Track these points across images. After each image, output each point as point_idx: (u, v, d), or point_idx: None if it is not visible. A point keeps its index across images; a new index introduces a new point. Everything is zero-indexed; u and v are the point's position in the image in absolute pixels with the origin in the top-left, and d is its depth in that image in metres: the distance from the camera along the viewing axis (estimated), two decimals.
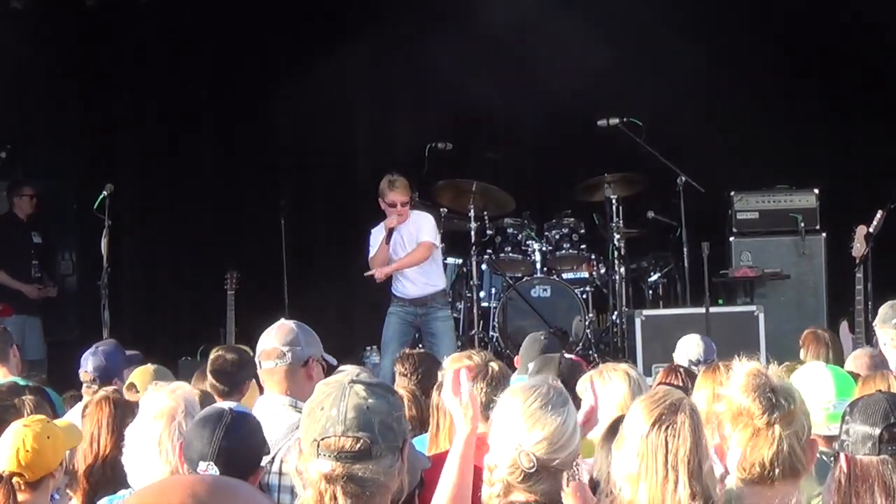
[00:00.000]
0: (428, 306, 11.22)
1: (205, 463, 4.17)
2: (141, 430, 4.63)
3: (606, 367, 5.54)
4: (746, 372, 3.62)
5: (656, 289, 13.07)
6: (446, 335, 11.26)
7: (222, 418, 4.26)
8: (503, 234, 12.82)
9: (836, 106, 13.82)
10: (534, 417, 3.73)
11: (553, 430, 3.71)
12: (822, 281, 12.70)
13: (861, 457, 3.45)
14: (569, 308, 12.50)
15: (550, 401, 3.76)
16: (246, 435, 4.33)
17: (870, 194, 12.05)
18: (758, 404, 3.56)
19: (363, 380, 3.40)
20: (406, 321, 11.21)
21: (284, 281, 12.68)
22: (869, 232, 10.52)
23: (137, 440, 4.62)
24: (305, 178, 14.39)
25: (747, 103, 13.72)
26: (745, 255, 12.82)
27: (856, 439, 3.48)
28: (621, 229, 12.57)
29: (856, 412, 3.52)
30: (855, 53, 13.62)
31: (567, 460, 3.75)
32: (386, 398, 3.39)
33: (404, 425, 3.45)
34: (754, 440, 3.55)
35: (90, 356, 7.36)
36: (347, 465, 3.29)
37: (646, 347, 11.39)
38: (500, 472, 3.72)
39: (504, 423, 3.76)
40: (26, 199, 12.81)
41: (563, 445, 3.72)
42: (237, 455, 4.24)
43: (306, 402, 3.44)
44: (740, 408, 3.58)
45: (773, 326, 11.67)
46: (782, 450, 3.54)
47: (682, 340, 8.01)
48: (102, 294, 10.71)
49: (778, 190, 13.04)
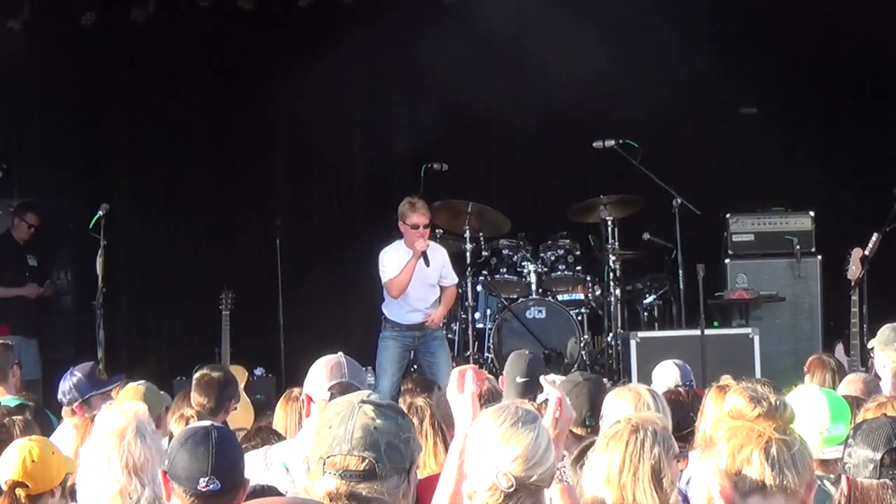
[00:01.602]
0: (424, 329, 11.21)
1: (205, 479, 4.18)
2: (92, 448, 4.64)
3: (622, 387, 5.58)
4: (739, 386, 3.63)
5: (651, 310, 13.06)
6: (445, 354, 11.26)
7: (210, 434, 4.28)
8: (498, 255, 12.82)
9: (832, 129, 13.85)
10: (506, 435, 3.72)
11: (527, 445, 3.71)
12: (818, 303, 12.70)
13: (862, 480, 3.45)
14: (564, 329, 12.48)
15: (520, 419, 3.76)
16: (233, 449, 4.37)
17: (865, 217, 12.07)
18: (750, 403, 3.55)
19: (373, 400, 3.40)
20: (403, 345, 11.18)
21: (280, 301, 12.67)
22: (864, 255, 10.53)
23: (88, 458, 4.63)
24: (301, 199, 14.38)
25: (743, 126, 13.75)
26: (741, 277, 12.82)
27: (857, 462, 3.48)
28: (617, 251, 12.58)
29: (859, 436, 3.52)
30: (851, 77, 13.66)
31: (545, 477, 3.75)
32: (395, 420, 3.40)
33: (413, 447, 3.45)
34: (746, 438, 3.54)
35: (64, 380, 7.41)
36: (352, 485, 3.29)
37: (641, 369, 11.35)
38: (480, 498, 3.71)
39: (478, 448, 3.75)
40: (24, 225, 12.83)
41: (538, 462, 3.72)
42: (231, 468, 4.29)
43: (316, 421, 3.44)
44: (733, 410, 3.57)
45: (768, 349, 11.66)
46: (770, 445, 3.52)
47: (658, 368, 7.95)
48: (97, 314, 10.70)
49: (773, 212, 13.05)
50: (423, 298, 11.17)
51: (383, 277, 11.05)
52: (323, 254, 14.26)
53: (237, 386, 7.87)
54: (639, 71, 13.51)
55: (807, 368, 8.13)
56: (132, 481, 4.51)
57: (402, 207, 11.00)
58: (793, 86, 13.89)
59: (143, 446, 4.55)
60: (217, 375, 7.33)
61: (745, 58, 13.76)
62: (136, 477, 4.51)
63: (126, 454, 4.55)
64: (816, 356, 8.33)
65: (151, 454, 4.58)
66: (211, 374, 7.33)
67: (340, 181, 14.40)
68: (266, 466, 5.31)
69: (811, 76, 13.79)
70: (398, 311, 11.19)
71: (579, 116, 13.14)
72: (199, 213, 14.08)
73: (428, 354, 11.17)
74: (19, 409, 6.57)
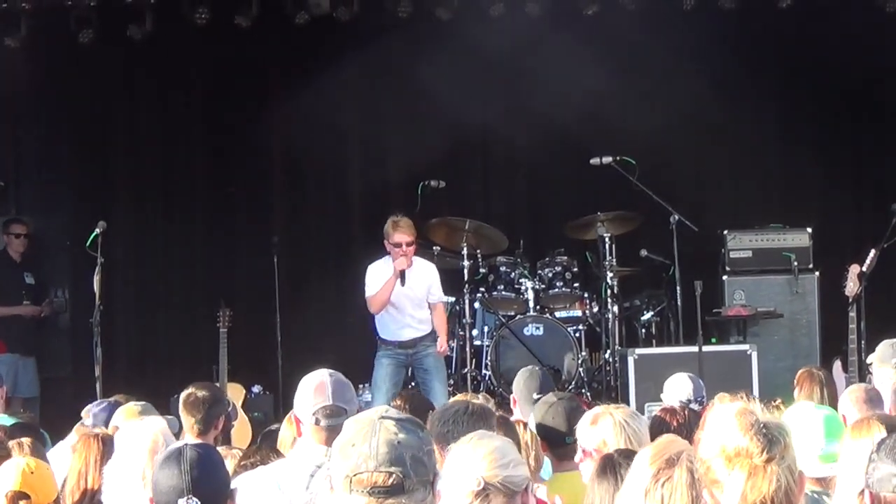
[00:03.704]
0: (417, 346, 11.22)
1: (184, 499, 4.17)
2: (122, 464, 4.62)
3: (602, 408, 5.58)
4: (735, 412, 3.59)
5: (649, 327, 13.06)
6: (439, 370, 11.26)
7: (182, 452, 4.27)
8: (496, 272, 12.81)
9: (829, 145, 13.86)
10: (472, 443, 3.83)
11: (494, 446, 3.81)
12: (816, 320, 12.71)
13: (886, 495, 3.41)
14: (561, 346, 12.48)
15: (485, 434, 3.91)
16: (211, 464, 4.34)
17: (863, 233, 12.08)
18: (756, 442, 3.52)
19: (392, 415, 3.41)
20: (398, 361, 11.20)
21: (277, 318, 12.66)
22: (862, 271, 10.53)
23: (118, 475, 4.61)
24: (298, 216, 14.38)
25: (740, 142, 13.76)
26: (739, 293, 12.82)
27: (881, 477, 3.42)
28: (614, 268, 12.58)
29: (882, 450, 3.46)
30: (849, 94, 13.67)
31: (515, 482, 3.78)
32: (416, 433, 3.40)
33: (434, 459, 3.46)
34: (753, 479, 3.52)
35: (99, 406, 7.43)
36: (381, 501, 3.29)
37: (639, 386, 11.37)
38: None
39: (450, 466, 3.81)
40: (13, 237, 12.83)
41: (506, 464, 3.77)
42: (210, 484, 4.26)
43: (335, 440, 3.43)
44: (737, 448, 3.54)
45: (766, 365, 11.67)
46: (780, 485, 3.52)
47: (671, 380, 7.97)
48: (95, 331, 10.69)
49: (771, 229, 13.05)
50: (411, 315, 11.20)
51: (366, 292, 11.12)
52: (320, 271, 14.25)
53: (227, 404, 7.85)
54: (636, 88, 13.52)
55: (796, 382, 8.13)
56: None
57: (387, 226, 11.02)
58: (790, 102, 13.91)
59: None
60: (203, 394, 7.32)
61: (743, 75, 13.78)
62: None
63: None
64: (805, 370, 8.33)
65: None
66: (197, 393, 7.32)
67: (337, 198, 14.39)
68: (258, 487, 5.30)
69: (809, 92, 13.81)
70: (388, 329, 11.22)
71: (577, 133, 13.14)
72: (197, 231, 14.08)
73: (421, 371, 11.19)
74: (23, 431, 6.57)
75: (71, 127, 13.79)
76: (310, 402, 5.36)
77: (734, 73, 13.68)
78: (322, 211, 14.41)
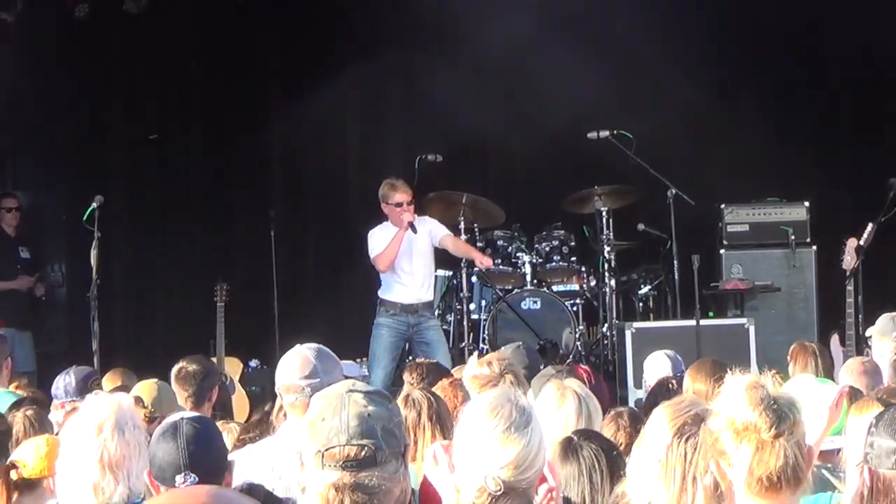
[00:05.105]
0: (419, 314, 11.20)
1: (181, 475, 4.15)
2: (70, 440, 4.55)
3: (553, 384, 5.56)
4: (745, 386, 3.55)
5: (646, 301, 13.06)
6: (441, 344, 11.23)
7: (179, 427, 4.24)
8: (493, 246, 12.81)
9: (827, 119, 13.84)
10: (498, 441, 3.61)
11: (518, 453, 3.60)
12: (813, 294, 12.71)
13: (884, 471, 3.38)
14: (559, 320, 12.48)
15: (513, 423, 3.64)
16: (208, 439, 4.33)
17: (860, 207, 12.05)
18: (765, 418, 3.49)
19: (360, 388, 3.39)
20: (398, 332, 11.16)
21: (274, 292, 12.65)
22: (859, 245, 10.50)
23: (66, 450, 4.55)
24: (296, 190, 14.37)
25: (737, 116, 13.72)
26: (736, 267, 12.82)
27: (879, 453, 3.39)
28: (612, 241, 12.57)
29: (881, 426, 3.44)
30: (847, 67, 13.64)
31: (534, 478, 3.69)
32: (384, 405, 3.39)
33: (404, 430, 3.45)
34: (760, 454, 3.50)
35: (61, 376, 7.43)
36: (354, 474, 3.27)
37: (636, 360, 11.34)
38: (467, 496, 3.67)
39: (468, 448, 3.67)
40: (4, 212, 12.80)
41: (528, 466, 3.63)
42: (208, 459, 4.25)
43: (305, 416, 3.41)
44: (746, 423, 3.51)
45: (763, 339, 11.67)
46: (788, 461, 3.50)
47: (650, 359, 7.94)
48: (92, 306, 10.67)
49: (768, 203, 13.05)
50: (415, 273, 11.19)
51: (371, 254, 11.13)
52: (318, 244, 14.24)
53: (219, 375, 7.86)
54: (635, 64, 13.48)
55: (790, 357, 8.11)
56: (105, 476, 4.40)
57: (384, 189, 11.10)
58: (788, 76, 13.88)
59: (120, 441, 4.42)
60: (194, 368, 7.32)
61: (740, 48, 13.75)
62: (111, 472, 4.39)
63: (102, 449, 4.42)
64: (797, 343, 8.30)
65: (129, 450, 4.43)
66: (187, 367, 7.33)
67: (335, 171, 14.37)
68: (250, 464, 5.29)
69: (807, 65, 13.78)
70: (392, 289, 11.19)
71: (574, 108, 13.11)
72: (194, 205, 14.06)
73: (423, 344, 11.13)
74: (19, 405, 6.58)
75: (67, 101, 13.74)
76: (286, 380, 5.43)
77: (731, 46, 13.64)
78: (319, 183, 14.38)
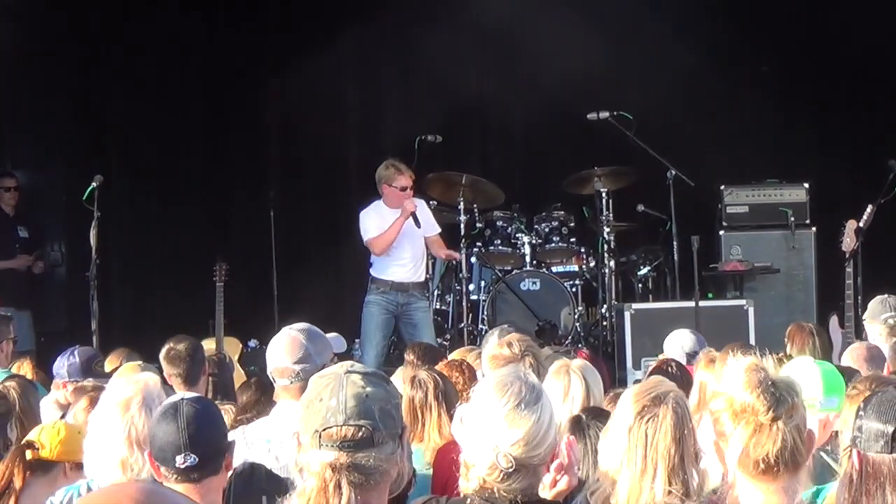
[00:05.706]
0: (409, 293, 11.23)
1: (181, 455, 4.16)
2: (98, 417, 4.62)
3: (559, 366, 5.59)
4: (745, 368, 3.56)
5: (646, 282, 13.06)
6: (427, 327, 11.27)
7: (178, 408, 4.24)
8: (493, 226, 12.80)
9: (827, 101, 13.83)
10: (508, 418, 3.65)
11: (528, 429, 3.64)
12: (812, 275, 12.71)
13: (873, 455, 3.37)
14: (558, 301, 12.48)
15: (523, 399, 3.67)
16: (209, 419, 4.31)
17: (860, 189, 12.05)
18: (762, 400, 3.49)
19: (358, 369, 3.39)
20: (388, 311, 11.20)
21: (274, 272, 12.65)
22: (859, 227, 10.51)
23: (95, 427, 4.61)
24: (295, 170, 14.37)
25: (737, 97, 13.71)
26: (735, 248, 12.82)
27: (868, 436, 3.38)
28: (611, 223, 12.57)
29: (870, 409, 3.42)
30: (846, 48, 13.62)
31: (546, 454, 3.71)
32: (382, 386, 3.38)
33: (401, 412, 3.45)
34: (757, 436, 3.51)
35: (63, 355, 7.46)
36: (350, 454, 3.28)
37: (635, 341, 11.38)
38: (477, 471, 3.68)
39: (478, 425, 3.69)
40: (2, 191, 12.79)
41: (539, 442, 3.66)
42: (208, 439, 4.24)
43: (302, 397, 3.42)
44: (743, 405, 3.52)
45: (762, 320, 11.67)
46: (786, 444, 3.50)
47: (674, 334, 7.97)
48: (91, 285, 10.67)
49: (768, 184, 13.03)
50: (411, 255, 11.26)
51: (365, 236, 11.17)
52: (317, 224, 14.23)
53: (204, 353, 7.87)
54: (635, 45, 13.47)
55: (787, 338, 8.10)
56: (133, 453, 4.48)
57: (387, 171, 11.12)
58: (787, 57, 13.85)
59: (147, 418, 4.48)
60: (182, 347, 7.33)
61: (740, 29, 13.73)
62: (139, 449, 4.46)
63: (130, 426, 4.51)
64: (795, 324, 8.30)
65: None
66: (176, 346, 7.33)
67: (335, 152, 14.36)
68: (247, 445, 5.30)
69: (806, 46, 13.76)
70: (386, 268, 11.22)
71: (574, 88, 13.09)
72: (193, 184, 14.05)
73: (410, 326, 11.17)
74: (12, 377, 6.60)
75: (66, 80, 13.71)
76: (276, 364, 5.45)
77: (732, 30, 13.63)
78: (319, 164, 14.38)
